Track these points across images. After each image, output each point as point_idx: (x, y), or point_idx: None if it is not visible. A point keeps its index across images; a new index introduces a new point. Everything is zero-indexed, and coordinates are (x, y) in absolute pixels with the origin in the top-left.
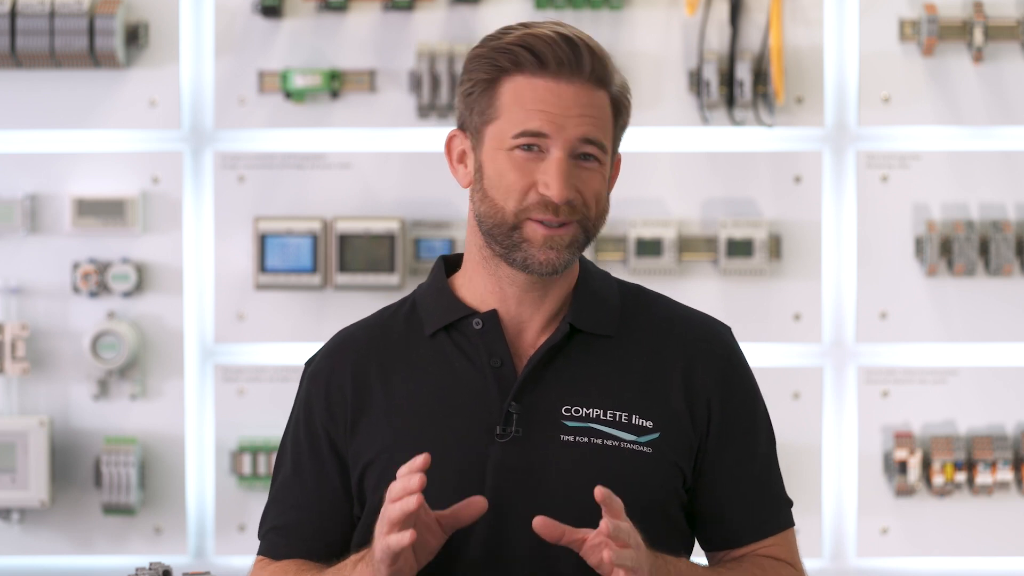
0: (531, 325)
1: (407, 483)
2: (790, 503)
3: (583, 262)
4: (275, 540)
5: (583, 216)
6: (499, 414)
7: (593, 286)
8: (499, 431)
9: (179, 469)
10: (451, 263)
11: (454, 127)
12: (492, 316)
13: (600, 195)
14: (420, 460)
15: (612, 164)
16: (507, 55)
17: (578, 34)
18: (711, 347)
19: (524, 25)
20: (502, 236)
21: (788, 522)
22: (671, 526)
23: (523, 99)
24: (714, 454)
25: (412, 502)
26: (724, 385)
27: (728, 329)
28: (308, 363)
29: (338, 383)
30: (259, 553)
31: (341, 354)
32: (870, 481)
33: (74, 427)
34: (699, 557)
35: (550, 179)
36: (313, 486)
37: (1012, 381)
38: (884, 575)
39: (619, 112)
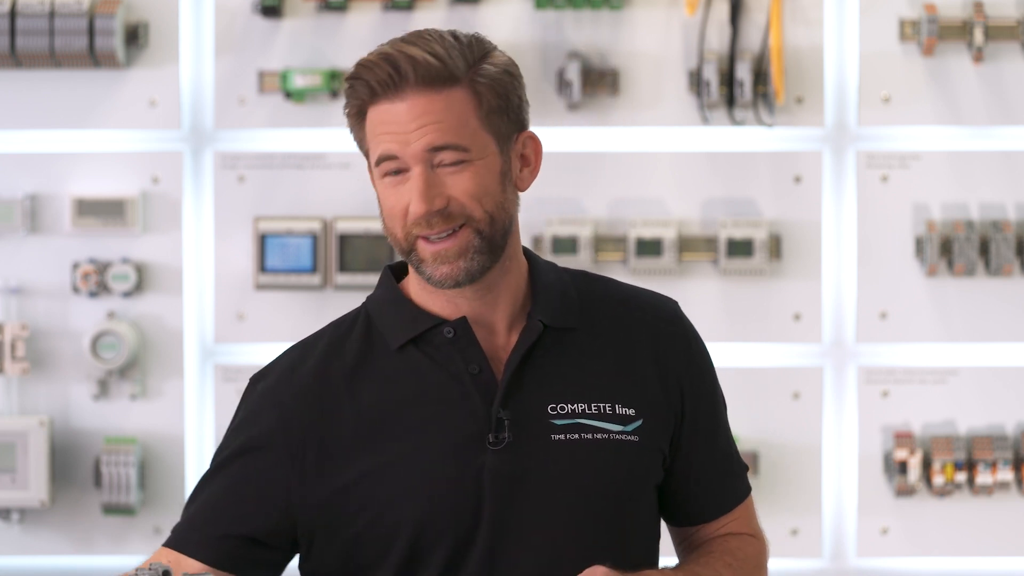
0: (497, 327)
1: None
2: (746, 467)
3: (529, 255)
4: (187, 536)
5: (468, 218)
6: (486, 422)
7: (546, 279)
8: (491, 439)
9: (179, 469)
10: (397, 270)
11: None
12: (463, 323)
13: (481, 192)
14: None
15: (508, 151)
16: (351, 92)
17: (401, 47)
18: (672, 327)
19: (380, 47)
20: (406, 259)
21: (747, 489)
22: (649, 508)
23: (374, 128)
24: (687, 435)
25: None
26: (689, 365)
27: (676, 304)
28: (256, 379)
29: (291, 406)
30: (164, 544)
31: (293, 377)
32: (870, 481)
33: (74, 427)
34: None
35: (411, 197)
36: (242, 496)
37: (1012, 381)
38: (884, 575)
39: (483, 97)
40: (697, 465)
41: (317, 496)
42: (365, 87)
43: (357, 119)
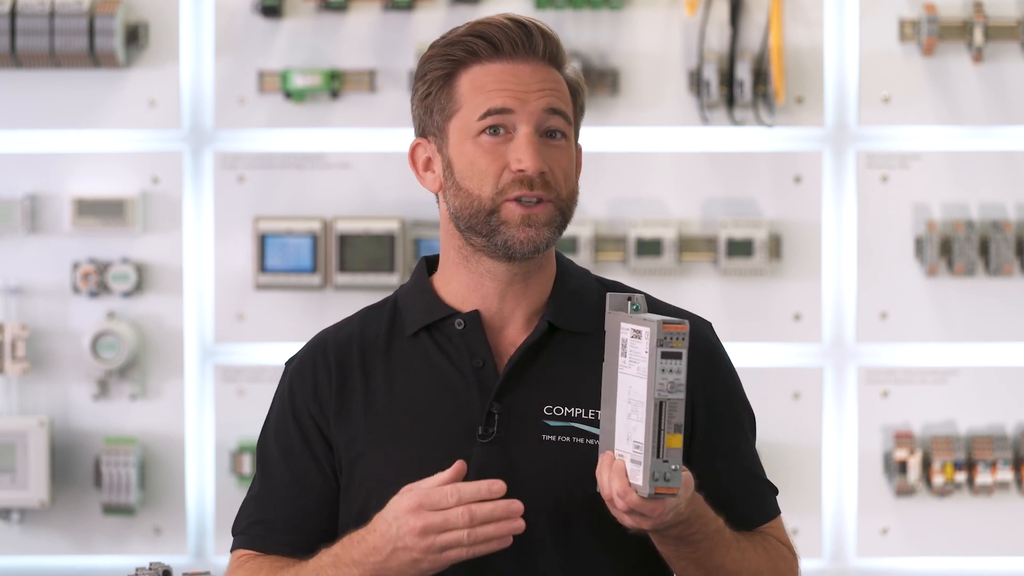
0: (511, 324)
1: (508, 523)
2: (775, 490)
3: (561, 260)
4: (261, 533)
5: (556, 195)
6: (480, 415)
7: (571, 285)
8: (480, 432)
9: (179, 469)
10: (433, 263)
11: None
12: (474, 316)
13: (569, 174)
14: (514, 506)
15: (576, 150)
16: (460, 47)
17: (529, 18)
18: (693, 344)
19: (469, 23)
20: (480, 224)
21: (776, 509)
22: None
23: (483, 85)
24: (703, 452)
25: (509, 543)
26: (707, 383)
27: (709, 325)
28: (289, 361)
29: (324, 374)
30: (240, 547)
31: (324, 350)
32: (870, 481)
33: (74, 427)
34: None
35: (522, 154)
36: (308, 477)
37: (1012, 381)
38: (884, 575)
39: (575, 94)
40: (718, 483)
41: (336, 448)
42: (485, 44)
43: (444, 80)
